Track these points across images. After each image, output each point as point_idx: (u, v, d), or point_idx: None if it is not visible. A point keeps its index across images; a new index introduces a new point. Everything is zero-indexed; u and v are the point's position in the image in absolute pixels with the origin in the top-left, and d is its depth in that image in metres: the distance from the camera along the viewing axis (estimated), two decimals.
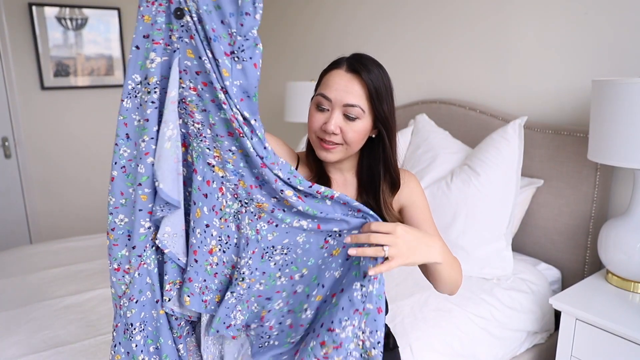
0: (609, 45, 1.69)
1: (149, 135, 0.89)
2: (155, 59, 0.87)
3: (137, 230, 0.93)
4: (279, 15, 3.39)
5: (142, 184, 0.91)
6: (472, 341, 1.46)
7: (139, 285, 0.96)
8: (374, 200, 1.12)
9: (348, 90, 1.02)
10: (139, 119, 0.89)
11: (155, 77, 0.87)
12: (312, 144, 1.09)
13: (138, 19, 0.85)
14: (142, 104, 0.88)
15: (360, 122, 1.04)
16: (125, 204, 0.94)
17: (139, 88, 0.88)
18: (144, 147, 0.89)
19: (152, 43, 0.86)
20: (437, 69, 2.33)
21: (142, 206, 0.92)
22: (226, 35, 0.86)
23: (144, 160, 0.90)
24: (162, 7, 0.86)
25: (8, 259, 1.97)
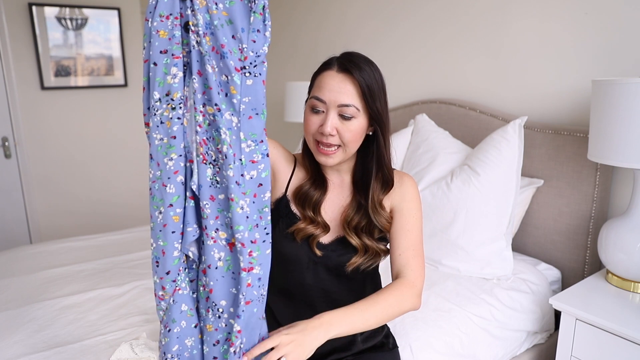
0: (609, 45, 1.69)
1: (177, 152, 0.87)
2: (177, 74, 0.85)
3: (170, 254, 0.90)
4: (281, 16, 3.39)
5: (174, 205, 0.88)
6: (472, 341, 1.46)
7: (173, 314, 0.93)
8: (365, 199, 1.12)
9: (341, 91, 1.02)
10: (161, 137, 0.86)
11: (179, 92, 0.85)
12: (310, 148, 1.09)
13: (152, 35, 0.83)
14: (165, 121, 0.86)
15: (356, 121, 1.04)
16: (153, 227, 0.90)
17: (157, 105, 0.85)
18: (172, 166, 0.87)
19: (173, 57, 0.84)
20: (437, 68, 2.33)
21: (175, 228, 0.89)
22: (236, 50, 0.85)
23: (173, 180, 0.87)
24: (178, 20, 0.84)
25: (8, 259, 1.97)
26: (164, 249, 0.90)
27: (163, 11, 0.83)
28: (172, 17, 0.83)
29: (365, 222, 1.11)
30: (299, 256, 1.11)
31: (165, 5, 0.83)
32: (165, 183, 0.87)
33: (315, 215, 1.11)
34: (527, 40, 1.93)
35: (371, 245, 1.10)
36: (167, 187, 0.87)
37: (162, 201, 0.88)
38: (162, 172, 0.87)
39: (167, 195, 0.87)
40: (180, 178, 0.88)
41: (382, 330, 1.24)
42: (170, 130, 0.86)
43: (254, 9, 0.84)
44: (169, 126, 0.86)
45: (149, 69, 0.86)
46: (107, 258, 1.99)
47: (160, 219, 0.89)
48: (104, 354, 1.28)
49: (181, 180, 0.88)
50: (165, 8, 0.83)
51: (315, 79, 1.08)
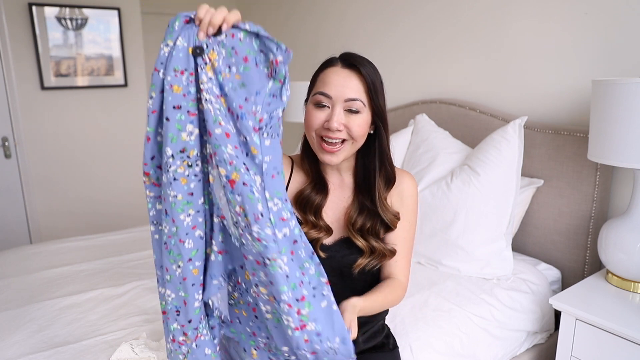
0: (609, 45, 1.69)
1: (194, 208, 0.87)
2: (193, 131, 0.84)
3: (191, 305, 0.91)
4: (282, 16, 3.39)
5: (193, 259, 0.89)
6: (472, 341, 1.46)
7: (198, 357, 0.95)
8: (369, 198, 1.12)
9: (347, 85, 1.02)
10: (174, 194, 0.85)
11: (195, 149, 0.85)
12: (313, 146, 1.08)
13: (166, 89, 0.81)
14: (180, 178, 0.85)
15: (362, 115, 1.04)
16: (170, 280, 0.91)
17: (171, 162, 0.84)
18: (190, 222, 0.87)
19: (188, 114, 0.83)
20: (437, 68, 2.33)
21: (195, 280, 0.90)
22: (251, 112, 0.84)
23: (191, 235, 0.87)
24: (193, 76, 0.83)
25: (8, 259, 1.97)
26: (185, 299, 0.91)
27: (177, 66, 0.81)
28: (187, 73, 0.82)
29: (371, 224, 1.11)
30: None
31: (179, 61, 0.81)
32: (182, 239, 0.87)
33: (317, 220, 1.10)
34: (527, 41, 1.93)
35: (378, 247, 1.11)
36: (185, 243, 0.88)
37: (180, 256, 0.88)
38: (179, 228, 0.87)
39: (185, 251, 0.88)
40: (199, 233, 0.89)
41: (382, 330, 1.24)
42: (187, 187, 0.86)
43: (275, 76, 0.83)
44: (185, 183, 0.85)
45: (158, 121, 0.85)
46: (107, 258, 1.99)
47: (179, 272, 0.89)
48: (104, 354, 1.28)
49: (200, 234, 0.89)
50: (180, 63, 0.81)
51: (317, 76, 1.07)
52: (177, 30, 0.81)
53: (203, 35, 0.81)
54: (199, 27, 0.81)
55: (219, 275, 0.92)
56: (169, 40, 0.81)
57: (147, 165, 0.88)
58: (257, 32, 0.82)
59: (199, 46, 0.81)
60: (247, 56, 0.83)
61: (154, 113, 0.84)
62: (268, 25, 3.52)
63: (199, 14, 0.81)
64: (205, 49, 0.82)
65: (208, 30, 0.81)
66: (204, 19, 0.81)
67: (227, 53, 0.83)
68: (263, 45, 0.83)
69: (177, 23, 0.81)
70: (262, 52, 0.83)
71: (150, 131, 0.86)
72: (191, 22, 0.82)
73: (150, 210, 0.92)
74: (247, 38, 0.83)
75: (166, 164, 0.84)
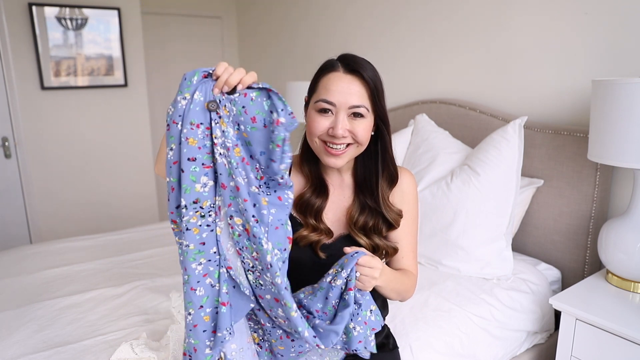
0: (609, 45, 1.69)
1: (205, 257, 0.89)
2: (208, 183, 0.86)
3: (201, 352, 0.93)
4: (279, 15, 3.39)
5: (204, 306, 0.91)
6: (472, 341, 1.46)
7: None
8: (371, 198, 1.12)
9: (351, 92, 1.01)
10: (187, 244, 0.88)
11: (209, 200, 0.87)
12: (315, 150, 1.08)
13: (182, 142, 0.83)
14: (192, 228, 0.87)
15: (366, 120, 1.04)
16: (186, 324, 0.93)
17: (184, 212, 0.86)
18: (201, 270, 0.89)
19: (203, 167, 0.85)
20: (437, 69, 2.33)
21: (206, 327, 0.92)
22: (254, 169, 0.88)
23: (202, 283, 0.90)
24: (209, 130, 0.85)
25: (8, 259, 1.97)
26: (195, 346, 0.93)
27: (194, 119, 0.83)
28: (202, 127, 0.84)
29: (373, 222, 1.11)
30: (302, 260, 1.11)
31: (196, 114, 0.83)
32: (193, 287, 0.90)
33: (317, 223, 1.10)
34: (527, 41, 1.93)
35: (382, 245, 1.12)
36: (196, 291, 0.90)
37: (192, 304, 0.90)
38: (190, 276, 0.89)
39: (196, 298, 0.90)
40: (210, 281, 0.91)
41: (382, 330, 1.24)
42: (199, 237, 0.88)
43: (272, 138, 0.85)
44: (196, 233, 0.87)
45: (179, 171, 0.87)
46: (107, 258, 1.99)
47: (190, 319, 0.91)
48: (104, 354, 1.28)
49: (210, 282, 0.91)
50: (196, 117, 0.83)
51: (318, 81, 1.06)
52: (195, 84, 0.83)
53: (218, 91, 0.84)
54: (216, 84, 0.84)
55: (223, 329, 0.93)
56: (186, 93, 0.83)
57: (174, 214, 0.90)
58: (269, 89, 0.84)
59: (213, 101, 0.84)
60: (256, 117, 0.85)
61: (175, 164, 0.86)
62: (266, 25, 3.52)
63: (217, 71, 0.84)
64: (218, 104, 0.84)
65: (223, 88, 0.84)
66: (221, 76, 0.84)
67: (237, 111, 0.86)
68: (272, 106, 0.85)
69: (196, 77, 0.83)
70: (271, 112, 0.85)
71: (174, 181, 0.88)
72: (209, 77, 0.85)
73: (180, 255, 0.94)
74: (259, 98, 0.85)
75: (180, 214, 0.87)
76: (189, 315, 0.91)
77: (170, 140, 0.85)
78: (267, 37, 3.57)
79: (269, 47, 3.57)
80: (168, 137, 0.85)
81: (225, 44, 3.92)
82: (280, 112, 0.84)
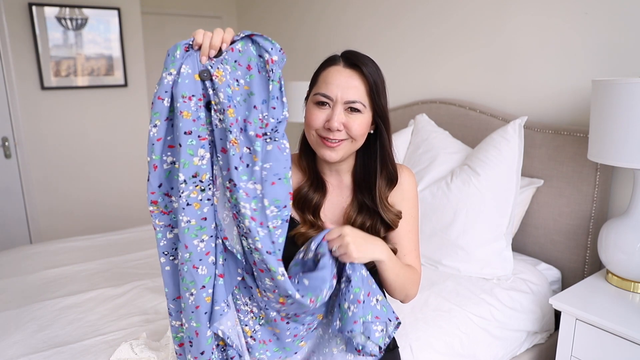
0: (609, 45, 1.69)
1: (207, 234, 0.88)
2: (205, 155, 0.85)
3: (203, 335, 0.91)
4: (279, 14, 3.39)
5: (206, 286, 0.89)
6: (472, 341, 1.46)
7: None
8: (369, 198, 1.11)
9: (349, 86, 1.01)
10: (187, 219, 0.86)
11: (207, 173, 0.86)
12: (312, 143, 1.08)
13: (176, 116, 0.83)
14: (193, 203, 0.85)
15: (362, 115, 1.04)
16: (184, 309, 0.91)
17: (183, 187, 0.84)
18: (204, 247, 0.87)
19: (199, 139, 0.84)
20: (437, 68, 2.33)
21: (207, 309, 0.90)
22: (257, 119, 0.86)
23: (205, 261, 0.88)
24: (201, 101, 0.84)
25: (8, 259, 1.97)
26: (197, 330, 0.91)
27: (185, 92, 0.83)
28: (195, 99, 0.84)
29: (370, 223, 1.10)
30: None
31: (186, 87, 0.83)
32: (196, 265, 0.87)
33: (315, 219, 1.10)
34: (527, 41, 1.93)
35: None
36: (198, 269, 0.88)
37: (194, 283, 0.88)
38: (192, 254, 0.87)
39: (198, 277, 0.88)
40: (212, 259, 0.89)
41: None
42: (200, 212, 0.86)
43: (272, 77, 0.85)
44: (198, 208, 0.86)
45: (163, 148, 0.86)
46: (107, 258, 1.99)
47: (192, 300, 0.89)
48: (104, 354, 1.28)
49: (212, 260, 0.89)
50: (187, 89, 0.83)
51: (318, 75, 1.06)
52: (179, 58, 0.83)
53: (205, 58, 0.84)
54: (200, 52, 0.84)
55: (221, 301, 0.92)
56: (171, 69, 0.83)
57: (155, 194, 0.89)
58: (252, 34, 0.84)
59: (204, 70, 0.84)
60: (250, 64, 0.86)
61: (159, 141, 0.85)
62: (266, 24, 3.52)
63: (197, 40, 0.84)
64: (211, 70, 0.84)
65: (210, 53, 0.84)
66: (203, 43, 0.84)
67: (232, 68, 0.85)
68: (259, 49, 0.85)
69: (178, 52, 0.83)
70: (260, 56, 0.85)
71: (157, 159, 0.86)
72: (190, 49, 0.84)
73: (160, 240, 0.92)
74: (245, 46, 0.85)
75: (178, 189, 0.85)
76: (191, 296, 0.88)
77: (155, 116, 0.84)
78: (270, 37, 3.57)
79: None
80: (152, 114, 0.84)
81: None
82: (271, 51, 0.84)
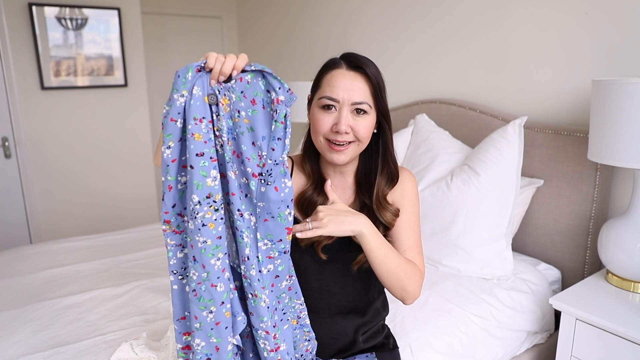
0: (609, 45, 1.69)
1: (222, 251, 0.89)
2: (217, 176, 0.86)
3: (224, 349, 0.93)
4: (281, 15, 3.39)
5: (225, 302, 0.90)
6: (472, 341, 1.46)
7: None
8: (368, 197, 1.12)
9: (354, 88, 1.02)
10: (204, 240, 0.87)
11: (220, 193, 0.87)
12: (320, 148, 1.08)
13: (188, 138, 0.84)
14: (208, 224, 0.87)
15: (368, 117, 1.04)
16: (201, 327, 0.92)
17: (198, 209, 0.85)
18: (220, 265, 0.89)
19: (211, 160, 0.85)
20: (437, 69, 2.33)
21: (227, 323, 0.92)
22: (256, 156, 0.88)
23: (222, 278, 0.89)
24: (211, 123, 0.86)
25: (8, 259, 1.97)
26: (217, 345, 0.92)
27: (197, 114, 0.84)
28: (205, 121, 0.85)
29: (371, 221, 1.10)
30: (304, 261, 1.10)
31: (197, 109, 0.84)
32: (214, 283, 0.89)
33: None
34: (527, 41, 1.93)
35: None
36: (217, 287, 0.89)
37: (212, 301, 0.89)
38: (210, 273, 0.88)
39: (217, 295, 0.89)
40: (227, 274, 0.91)
41: (382, 330, 1.24)
42: (215, 231, 0.87)
43: (276, 117, 0.86)
44: (213, 228, 0.87)
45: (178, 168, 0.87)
46: (107, 258, 1.99)
47: (211, 318, 0.90)
48: (104, 354, 1.28)
49: (228, 277, 0.91)
50: (198, 111, 0.84)
51: (321, 78, 1.06)
52: (191, 80, 0.84)
53: (214, 82, 0.86)
54: (211, 75, 0.85)
55: (241, 312, 0.94)
56: (183, 90, 0.83)
57: (169, 214, 0.90)
58: (263, 70, 0.85)
59: (212, 93, 0.85)
60: (255, 98, 0.86)
61: (174, 162, 0.87)
62: (266, 24, 3.52)
63: (209, 63, 0.85)
64: (217, 96, 0.85)
65: (219, 78, 0.85)
66: (215, 67, 0.85)
67: (236, 97, 0.86)
68: (268, 85, 0.86)
69: (190, 73, 0.84)
70: (268, 91, 0.86)
71: (172, 180, 0.88)
72: (202, 71, 0.86)
73: (170, 259, 0.93)
74: (255, 79, 0.86)
75: (193, 210, 0.86)
76: (210, 314, 0.90)
77: (168, 138, 0.85)
78: (267, 37, 3.57)
79: (269, 48, 3.57)
80: (165, 135, 0.85)
81: (226, 44, 3.92)
82: (279, 90, 0.85)
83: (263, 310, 0.92)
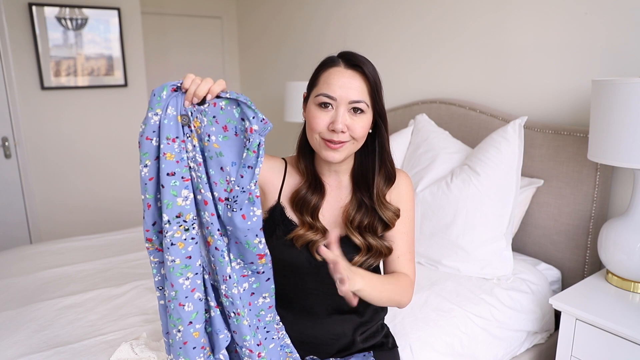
0: (609, 45, 1.69)
1: (192, 271, 0.89)
2: (189, 196, 0.87)
3: None
4: (279, 15, 3.39)
5: (193, 322, 0.91)
6: (472, 341, 1.46)
7: None
8: (368, 196, 1.11)
9: (352, 87, 1.02)
10: (172, 259, 0.87)
11: (192, 213, 0.87)
12: (315, 146, 1.07)
13: (160, 157, 0.84)
14: (177, 243, 0.87)
15: (365, 116, 1.04)
16: (172, 345, 0.93)
17: (167, 227, 0.86)
18: (189, 285, 0.89)
19: (182, 180, 0.86)
20: (437, 69, 2.33)
21: (196, 343, 0.92)
22: (223, 181, 0.88)
23: (190, 298, 0.90)
24: (184, 143, 0.86)
25: (8, 259, 1.97)
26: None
27: (169, 134, 0.84)
28: (178, 141, 0.85)
29: (368, 221, 1.10)
30: (299, 262, 1.10)
31: (170, 129, 0.84)
32: (182, 303, 0.89)
33: (314, 221, 1.09)
34: (527, 41, 1.93)
35: (375, 244, 1.10)
36: (184, 306, 0.89)
37: (180, 320, 0.90)
38: (178, 292, 0.89)
39: (185, 314, 0.90)
40: (198, 295, 0.91)
41: (381, 330, 1.24)
42: (185, 250, 0.88)
43: (248, 146, 0.85)
44: (182, 247, 0.87)
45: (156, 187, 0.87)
46: (107, 258, 1.99)
47: (179, 337, 0.91)
48: (104, 354, 1.28)
49: (199, 297, 0.91)
50: (171, 131, 0.84)
51: (318, 76, 1.06)
52: (165, 99, 0.84)
53: (188, 103, 0.86)
54: (185, 96, 0.85)
55: (223, 329, 0.94)
56: (157, 109, 0.84)
57: (150, 232, 0.90)
58: (237, 99, 0.84)
59: (184, 114, 0.85)
60: (227, 125, 0.86)
61: (152, 180, 0.87)
62: (273, 24, 3.52)
63: (185, 84, 0.85)
64: (190, 117, 0.85)
65: (193, 100, 0.85)
66: (190, 88, 0.85)
67: (208, 121, 0.86)
68: (243, 113, 0.85)
69: (165, 92, 0.84)
70: (243, 120, 0.85)
71: (150, 198, 0.88)
72: (178, 90, 0.85)
73: (155, 275, 0.94)
74: (229, 106, 0.85)
75: (163, 229, 0.86)
76: (178, 333, 0.90)
77: (145, 156, 0.85)
78: (267, 37, 3.57)
79: (269, 48, 3.57)
80: (141, 154, 0.85)
81: (226, 44, 3.92)
82: (252, 120, 0.84)
83: (245, 328, 0.93)
